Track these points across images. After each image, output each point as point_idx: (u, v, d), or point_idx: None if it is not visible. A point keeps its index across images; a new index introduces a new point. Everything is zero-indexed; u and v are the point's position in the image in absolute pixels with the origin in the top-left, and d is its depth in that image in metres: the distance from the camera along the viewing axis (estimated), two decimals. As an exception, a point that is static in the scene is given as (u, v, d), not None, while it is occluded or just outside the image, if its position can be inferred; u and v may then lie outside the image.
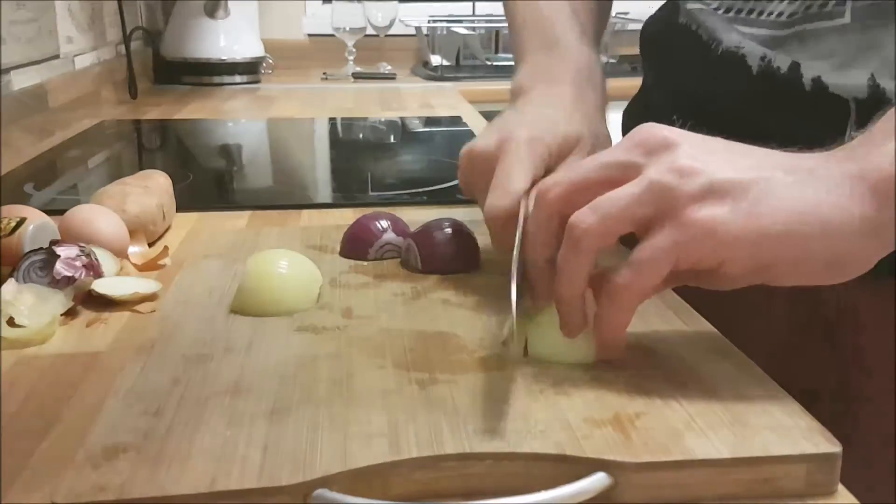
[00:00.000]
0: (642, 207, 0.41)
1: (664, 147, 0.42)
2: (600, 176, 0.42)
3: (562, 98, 0.61)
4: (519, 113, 0.60)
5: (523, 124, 0.57)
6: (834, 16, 0.59)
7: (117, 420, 0.40)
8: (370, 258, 0.62)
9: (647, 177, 0.41)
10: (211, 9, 1.87)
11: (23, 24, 1.25)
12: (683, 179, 0.40)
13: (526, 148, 0.55)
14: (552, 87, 0.62)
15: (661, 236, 0.40)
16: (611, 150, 0.44)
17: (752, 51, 0.61)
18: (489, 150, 0.56)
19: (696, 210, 0.40)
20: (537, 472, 0.37)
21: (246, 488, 0.34)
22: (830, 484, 0.38)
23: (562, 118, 0.59)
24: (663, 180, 0.40)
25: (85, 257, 0.59)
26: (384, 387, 0.43)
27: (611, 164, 0.42)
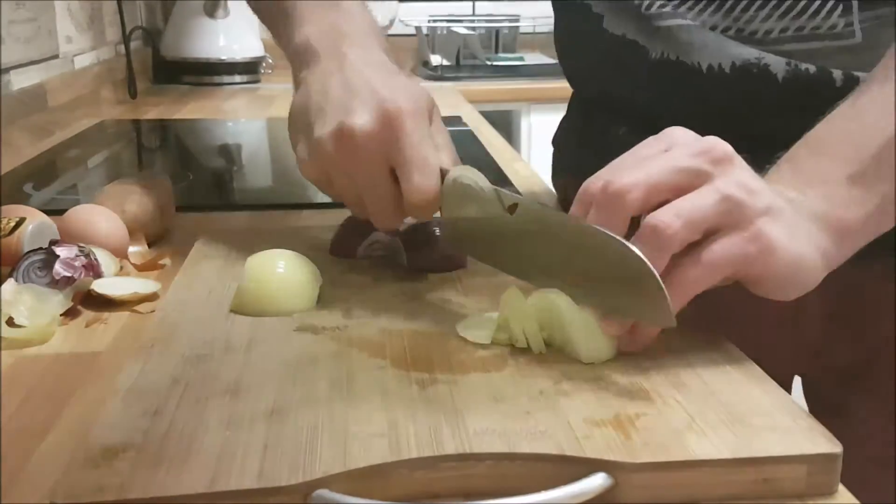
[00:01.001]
0: (718, 217, 0.44)
1: (728, 160, 0.45)
2: (673, 181, 0.44)
3: (380, 60, 0.57)
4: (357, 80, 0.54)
5: (392, 95, 0.52)
6: (844, 36, 0.59)
7: (117, 420, 0.40)
8: (359, 256, 0.62)
9: (719, 188, 0.44)
10: (210, 8, 1.87)
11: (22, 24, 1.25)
12: (751, 197, 0.44)
13: (419, 119, 0.52)
14: (360, 48, 0.57)
15: (731, 243, 0.44)
16: (676, 153, 0.45)
17: (775, 60, 0.61)
18: (374, 130, 0.51)
19: (763, 225, 0.44)
20: (537, 472, 0.37)
21: (245, 488, 0.34)
22: (831, 484, 0.38)
23: (408, 81, 0.55)
24: (735, 195, 0.44)
25: (84, 257, 0.59)
26: (384, 387, 0.43)
27: (683, 169, 0.44)
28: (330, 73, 0.55)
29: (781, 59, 0.61)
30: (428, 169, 0.51)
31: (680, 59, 0.64)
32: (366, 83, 0.53)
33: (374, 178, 0.52)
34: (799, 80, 0.61)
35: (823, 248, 0.47)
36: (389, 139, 0.51)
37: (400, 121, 0.51)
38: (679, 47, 0.64)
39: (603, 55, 0.72)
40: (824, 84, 0.60)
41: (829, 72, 0.60)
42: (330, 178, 0.54)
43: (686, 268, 0.44)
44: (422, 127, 0.52)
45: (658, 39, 0.65)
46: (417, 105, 0.52)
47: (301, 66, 0.58)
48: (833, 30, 0.59)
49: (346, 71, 0.55)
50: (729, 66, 0.62)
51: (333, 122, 0.52)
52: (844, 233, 0.47)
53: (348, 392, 0.42)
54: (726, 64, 0.62)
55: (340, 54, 0.56)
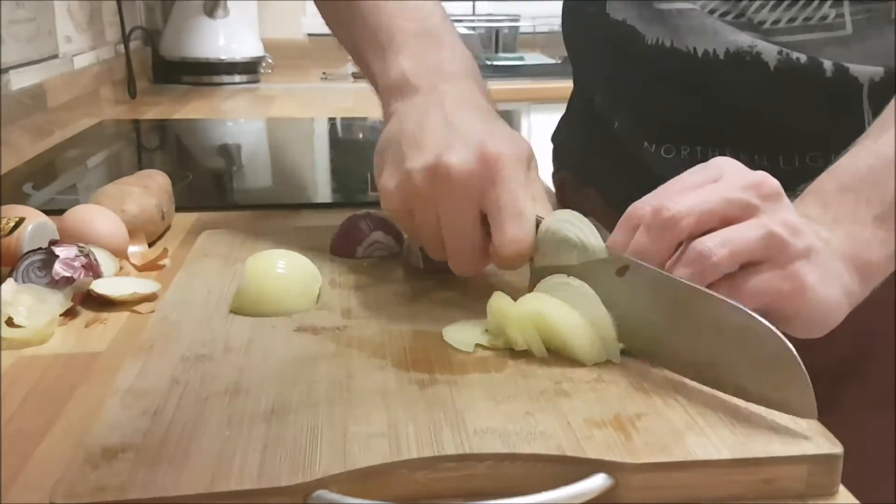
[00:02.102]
0: (761, 252, 0.44)
1: (776, 196, 0.45)
2: (723, 210, 0.44)
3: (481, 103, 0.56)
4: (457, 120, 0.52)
5: (492, 138, 0.50)
6: (835, 27, 0.60)
7: (116, 420, 0.40)
8: (358, 256, 0.62)
9: (764, 223, 0.44)
10: (210, 8, 1.86)
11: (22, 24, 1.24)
12: (794, 237, 0.44)
13: (518, 167, 0.50)
14: (461, 88, 0.56)
15: (770, 278, 0.44)
16: (726, 184, 0.45)
17: (767, 48, 0.62)
18: (473, 170, 0.48)
19: (801, 266, 0.44)
20: (538, 472, 0.37)
21: (245, 489, 0.34)
22: (831, 485, 0.38)
23: (509, 129, 0.54)
24: (779, 233, 0.44)
25: (84, 257, 0.59)
26: (384, 387, 0.43)
27: (734, 200, 0.45)
28: (428, 107, 0.54)
29: (774, 48, 0.61)
30: (523, 219, 0.48)
31: (674, 45, 0.65)
32: (466, 123, 0.51)
33: (462, 221, 0.50)
34: (790, 69, 0.61)
35: (849, 289, 0.47)
36: (486, 182, 0.48)
37: (500, 165, 0.48)
38: (675, 32, 0.65)
39: (602, 41, 0.72)
40: (815, 74, 0.60)
41: (820, 62, 0.60)
42: (413, 212, 0.51)
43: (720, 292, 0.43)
44: (520, 175, 0.49)
45: (656, 24, 0.66)
46: (518, 152, 0.50)
47: (395, 98, 0.57)
48: (824, 20, 0.60)
49: (446, 108, 0.53)
50: (723, 52, 0.63)
51: (430, 156, 0.49)
52: (868, 272, 0.48)
53: (348, 392, 0.42)
54: (720, 50, 0.63)
55: (440, 91, 0.55)
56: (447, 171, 0.48)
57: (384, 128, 0.56)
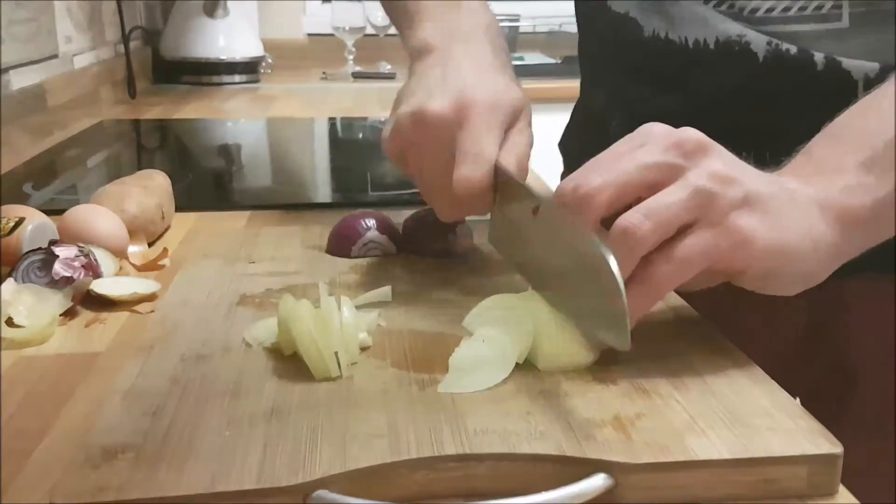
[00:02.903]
0: (690, 213, 0.42)
1: (701, 150, 0.44)
2: (644, 178, 0.43)
3: (483, 57, 0.58)
4: (452, 72, 0.55)
5: (474, 87, 0.53)
6: (830, 19, 0.59)
7: (116, 421, 0.40)
8: (353, 255, 0.62)
9: (690, 182, 0.43)
10: (210, 8, 1.86)
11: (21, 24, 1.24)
12: (725, 187, 0.43)
13: (490, 114, 0.52)
14: (469, 45, 0.59)
15: (702, 238, 0.42)
16: (647, 149, 0.44)
17: (757, 38, 0.61)
18: (446, 115, 0.51)
19: (736, 217, 0.42)
20: (537, 473, 0.37)
21: (245, 489, 0.34)
22: (832, 485, 0.38)
23: (502, 83, 0.56)
24: (707, 186, 0.42)
25: (84, 257, 0.58)
26: (384, 387, 0.43)
27: (652, 165, 0.43)
28: (433, 65, 0.57)
29: (763, 38, 0.60)
30: (479, 161, 0.50)
31: (668, 36, 0.64)
32: (458, 76, 0.54)
33: (437, 163, 0.52)
34: (779, 60, 0.60)
35: (821, 236, 0.45)
36: (456, 126, 0.51)
37: (469, 111, 0.51)
38: (671, 22, 0.64)
39: (604, 36, 0.72)
40: (805, 67, 0.59)
41: (811, 55, 0.59)
42: (406, 157, 0.55)
43: (657, 265, 0.43)
44: (490, 121, 0.51)
45: (654, 15, 0.65)
46: (494, 100, 0.52)
47: (415, 61, 0.61)
48: (819, 10, 0.59)
49: (447, 65, 0.56)
50: (713, 42, 0.62)
51: (415, 104, 0.53)
52: (850, 221, 0.45)
53: (348, 392, 0.42)
54: (711, 39, 0.62)
55: (448, 50, 0.58)
56: (423, 116, 0.52)
57: None
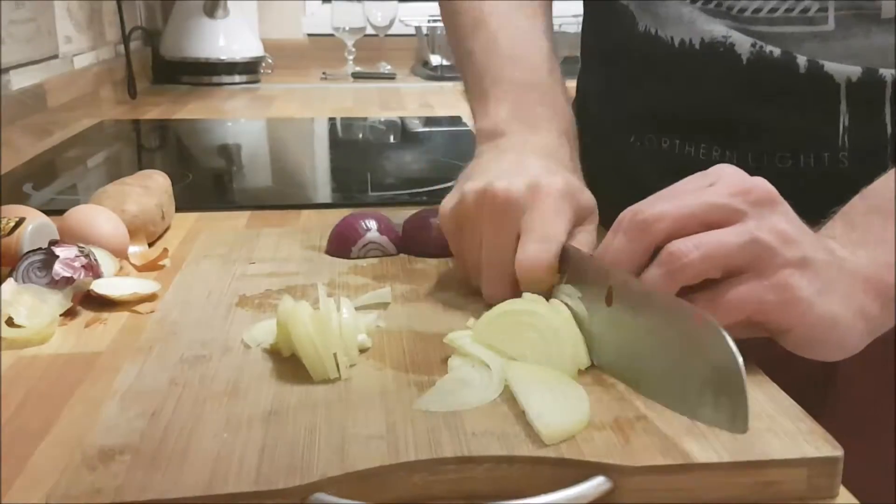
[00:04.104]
0: (741, 257, 0.42)
1: (769, 203, 0.44)
2: (705, 216, 0.43)
3: (559, 154, 0.58)
4: (527, 160, 0.54)
5: (548, 176, 0.52)
6: (816, 21, 0.59)
7: (114, 422, 0.40)
8: (353, 256, 0.62)
9: (750, 230, 0.43)
10: (210, 8, 1.86)
11: (22, 24, 1.24)
12: (784, 245, 0.43)
13: (562, 201, 0.51)
14: (545, 140, 0.58)
15: (751, 287, 0.43)
16: (714, 189, 0.44)
17: (741, 40, 0.61)
18: (518, 194, 0.50)
19: (789, 276, 0.42)
20: (536, 475, 0.37)
21: (243, 491, 0.34)
22: (832, 487, 0.37)
23: (578, 181, 0.55)
24: (767, 240, 0.42)
25: (84, 258, 0.58)
26: (382, 389, 0.43)
27: (717, 206, 0.43)
28: (508, 149, 0.57)
29: (748, 40, 0.60)
30: (547, 242, 0.49)
31: (658, 33, 0.65)
32: (533, 164, 0.54)
33: (499, 242, 0.51)
34: (762, 62, 0.60)
35: (865, 311, 0.45)
36: (526, 206, 0.50)
37: (542, 194, 0.51)
38: (659, 20, 0.64)
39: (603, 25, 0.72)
40: (788, 69, 0.59)
41: (794, 57, 0.59)
42: (463, 232, 0.53)
43: (700, 305, 0.42)
44: (561, 207, 0.51)
45: (647, 11, 0.66)
46: (569, 191, 0.52)
47: (484, 141, 0.60)
48: (805, 13, 0.59)
49: (524, 152, 0.56)
50: (699, 42, 0.62)
51: (485, 181, 0.52)
52: (889, 296, 0.45)
53: (346, 394, 0.42)
54: (696, 40, 0.62)
55: (524, 139, 0.57)
56: (494, 194, 0.51)
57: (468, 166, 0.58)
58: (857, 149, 0.60)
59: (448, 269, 0.60)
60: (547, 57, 0.65)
